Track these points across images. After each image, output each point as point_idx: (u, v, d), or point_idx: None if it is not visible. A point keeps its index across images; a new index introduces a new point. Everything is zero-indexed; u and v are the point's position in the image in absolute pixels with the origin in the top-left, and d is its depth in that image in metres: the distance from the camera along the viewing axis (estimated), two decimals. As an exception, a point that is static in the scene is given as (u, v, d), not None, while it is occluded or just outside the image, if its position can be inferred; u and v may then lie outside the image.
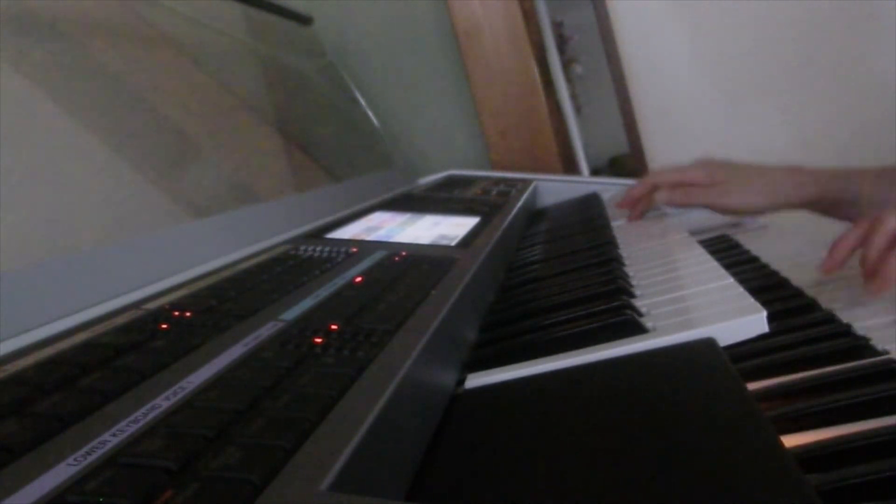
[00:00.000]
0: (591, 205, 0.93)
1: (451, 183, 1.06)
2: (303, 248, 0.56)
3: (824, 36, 1.17)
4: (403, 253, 0.55)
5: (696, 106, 1.24)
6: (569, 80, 1.27)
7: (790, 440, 0.32)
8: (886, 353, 0.42)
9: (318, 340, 0.34)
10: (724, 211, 0.80)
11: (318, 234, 0.62)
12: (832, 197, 0.72)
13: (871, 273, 0.50)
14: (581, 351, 0.40)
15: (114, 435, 0.24)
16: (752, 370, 0.42)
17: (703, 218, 0.86)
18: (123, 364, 0.30)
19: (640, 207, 0.82)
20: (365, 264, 0.51)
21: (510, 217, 0.75)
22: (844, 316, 0.50)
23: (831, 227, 0.78)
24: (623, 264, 0.59)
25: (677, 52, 1.23)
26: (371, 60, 1.24)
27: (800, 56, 1.18)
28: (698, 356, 0.37)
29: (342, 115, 1.15)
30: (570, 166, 1.21)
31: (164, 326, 0.36)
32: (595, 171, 1.30)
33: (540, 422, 0.33)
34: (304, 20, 1.12)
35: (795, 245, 0.72)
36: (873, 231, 0.51)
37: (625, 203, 0.83)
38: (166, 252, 0.47)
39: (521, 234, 0.83)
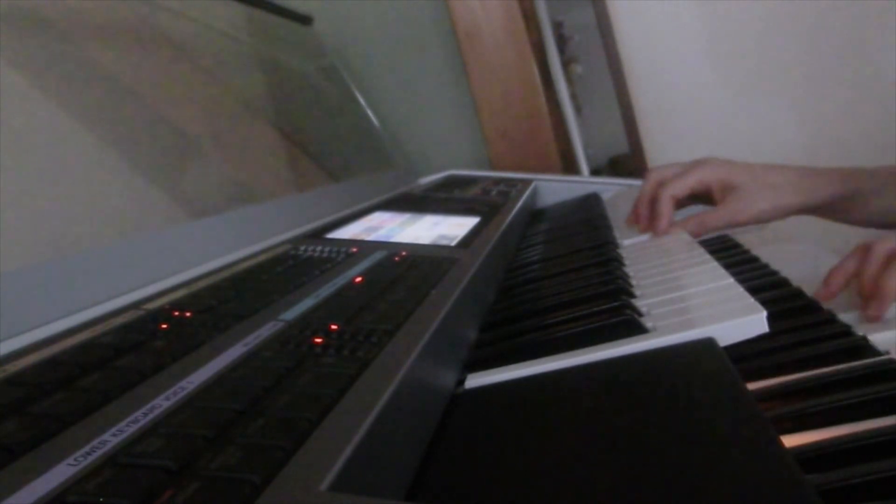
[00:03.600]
0: (591, 205, 0.93)
1: (451, 183, 1.05)
2: (303, 248, 0.56)
3: (828, 34, 1.16)
4: (403, 253, 0.55)
5: (696, 106, 1.24)
6: (569, 80, 1.27)
7: (790, 440, 0.32)
8: (886, 353, 0.42)
9: (318, 340, 0.34)
10: (754, 221, 0.69)
11: (318, 234, 0.62)
12: (848, 197, 0.69)
13: (869, 296, 0.51)
14: (581, 351, 0.40)
15: (114, 435, 0.24)
16: (752, 370, 0.42)
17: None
18: (123, 364, 0.30)
19: (660, 216, 0.69)
20: (365, 264, 0.51)
21: (510, 217, 0.75)
22: (844, 316, 0.50)
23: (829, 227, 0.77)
24: (623, 264, 0.59)
25: (677, 52, 1.23)
26: (371, 60, 1.24)
27: (802, 55, 1.18)
28: (698, 356, 0.37)
29: (342, 115, 1.15)
30: (570, 166, 1.21)
31: (164, 326, 0.36)
32: (595, 171, 1.30)
33: (540, 422, 0.33)
34: (304, 20, 1.12)
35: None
36: (866, 259, 0.53)
37: (636, 214, 0.72)
38: (166, 252, 0.47)
39: (521, 234, 0.83)
